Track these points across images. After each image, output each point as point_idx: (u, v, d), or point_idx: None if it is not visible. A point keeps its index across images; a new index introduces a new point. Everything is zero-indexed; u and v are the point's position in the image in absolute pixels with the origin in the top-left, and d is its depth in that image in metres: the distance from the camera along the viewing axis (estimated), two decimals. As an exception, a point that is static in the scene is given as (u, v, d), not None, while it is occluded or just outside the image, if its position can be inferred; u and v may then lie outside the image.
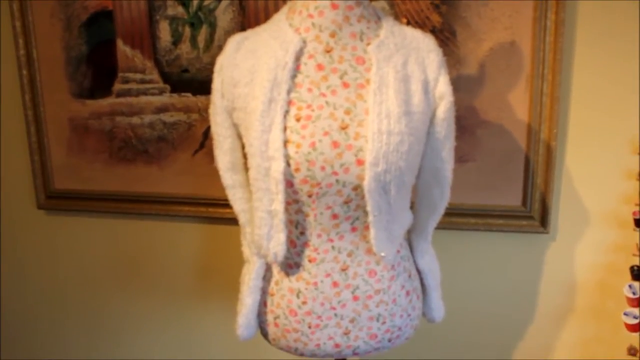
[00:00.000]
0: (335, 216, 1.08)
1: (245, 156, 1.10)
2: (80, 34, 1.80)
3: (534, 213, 1.55)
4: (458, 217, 1.59)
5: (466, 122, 1.52)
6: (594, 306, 1.61)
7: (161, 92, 1.75)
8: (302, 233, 1.11)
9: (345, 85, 1.05)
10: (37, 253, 2.08)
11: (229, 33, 1.62)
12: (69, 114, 1.87)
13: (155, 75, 1.75)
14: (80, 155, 1.90)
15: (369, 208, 1.03)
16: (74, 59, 1.83)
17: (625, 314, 1.44)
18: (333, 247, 1.11)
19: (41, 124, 1.91)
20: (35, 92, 1.88)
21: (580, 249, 1.58)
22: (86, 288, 2.06)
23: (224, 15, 1.65)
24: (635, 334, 1.45)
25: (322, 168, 1.02)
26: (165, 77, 1.74)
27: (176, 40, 1.70)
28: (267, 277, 1.21)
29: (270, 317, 1.20)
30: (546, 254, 1.60)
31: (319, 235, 1.10)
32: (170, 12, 1.69)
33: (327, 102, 1.04)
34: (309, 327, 1.16)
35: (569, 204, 1.56)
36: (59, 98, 1.87)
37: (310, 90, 1.05)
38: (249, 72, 1.07)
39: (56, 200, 1.97)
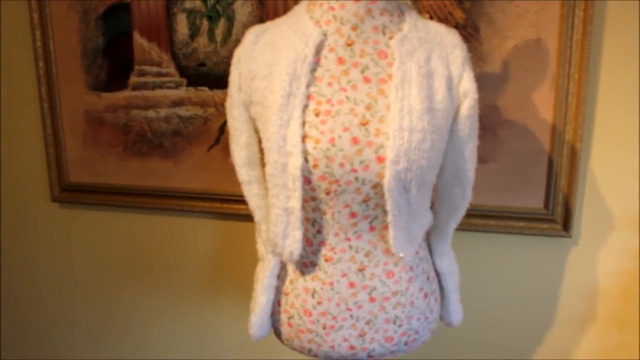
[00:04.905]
0: (353, 215, 1.05)
1: (262, 151, 1.08)
2: (97, 26, 1.79)
3: (556, 216, 1.52)
4: (478, 218, 1.55)
5: (488, 122, 1.49)
6: (616, 313, 1.57)
7: (177, 85, 1.73)
8: (319, 231, 1.08)
9: (367, 80, 1.02)
10: (51, 245, 2.08)
11: (247, 27, 1.59)
12: (85, 107, 1.87)
13: (171, 69, 1.73)
14: (95, 149, 1.89)
15: (388, 207, 1.00)
16: (91, 51, 1.82)
17: (649, 322, 1.41)
18: (350, 247, 1.08)
19: (57, 117, 1.90)
20: (52, 85, 1.88)
21: (603, 253, 1.54)
22: (98, 282, 2.05)
23: (243, 9, 1.62)
24: (660, 343, 1.41)
25: (341, 165, 0.99)
26: (182, 71, 1.72)
27: (193, 34, 1.69)
28: (281, 275, 1.18)
29: (284, 317, 1.18)
30: (568, 258, 1.57)
31: (336, 234, 1.07)
32: (187, 5, 1.67)
33: (347, 97, 1.01)
34: (324, 328, 1.13)
35: (593, 208, 1.52)
36: (74, 90, 1.87)
37: (330, 84, 1.02)
38: (268, 65, 1.05)
39: (70, 193, 1.97)
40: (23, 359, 2.24)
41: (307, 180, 1.01)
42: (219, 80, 1.69)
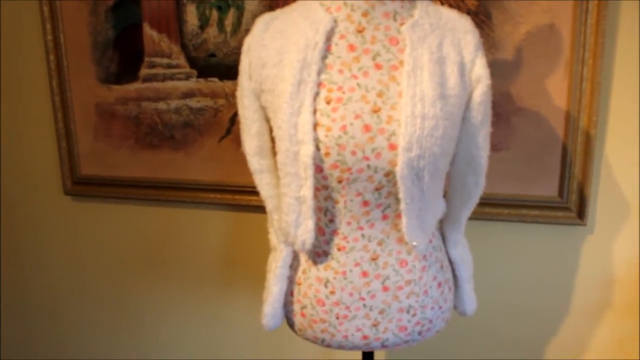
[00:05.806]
0: (365, 203, 1.04)
1: (273, 140, 1.07)
2: (106, 18, 1.78)
3: (570, 204, 1.50)
4: (491, 207, 1.54)
5: (501, 109, 1.47)
6: (631, 302, 1.55)
7: (188, 77, 1.73)
8: (331, 220, 1.08)
9: (378, 66, 1.01)
10: (63, 238, 2.09)
11: (256, 16, 1.54)
12: (96, 100, 1.87)
13: (181, 60, 1.72)
14: (107, 141, 1.89)
15: (401, 195, 0.99)
16: (101, 43, 1.81)
17: (666, 310, 1.39)
18: (363, 236, 1.07)
19: (68, 110, 1.90)
20: (62, 78, 1.88)
21: (618, 242, 1.52)
22: (111, 274, 2.06)
23: (252, -1, 1.62)
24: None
25: (353, 153, 0.98)
26: (192, 62, 1.72)
27: (203, 24, 1.68)
28: (294, 265, 1.18)
29: (296, 307, 1.17)
30: (583, 247, 1.55)
31: (349, 223, 1.07)
32: (197, -5, 1.67)
33: (358, 84, 1.00)
34: (337, 318, 1.13)
35: (608, 195, 1.50)
36: (85, 83, 1.87)
37: (341, 71, 1.01)
38: (278, 53, 1.04)
39: (82, 186, 1.97)
40: (34, 351, 2.26)
41: (318, 169, 1.00)
42: (229, 71, 1.68)
